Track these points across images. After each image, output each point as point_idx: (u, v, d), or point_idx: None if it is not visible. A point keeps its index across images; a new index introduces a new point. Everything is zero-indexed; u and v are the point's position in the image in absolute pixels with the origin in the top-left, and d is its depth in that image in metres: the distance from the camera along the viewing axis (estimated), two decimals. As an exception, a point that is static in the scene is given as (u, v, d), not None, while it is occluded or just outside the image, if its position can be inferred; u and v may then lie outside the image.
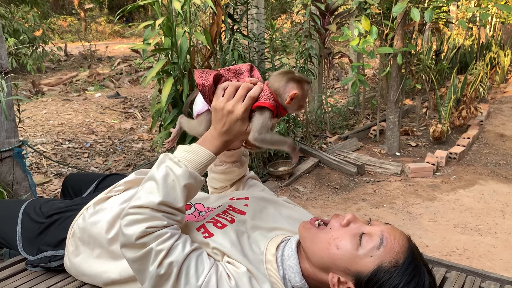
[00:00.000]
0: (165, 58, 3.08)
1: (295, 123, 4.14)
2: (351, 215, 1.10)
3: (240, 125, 1.08)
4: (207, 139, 1.11)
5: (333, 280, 1.05)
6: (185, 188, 1.05)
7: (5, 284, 1.33)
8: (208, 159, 1.09)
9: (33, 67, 7.20)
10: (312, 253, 1.09)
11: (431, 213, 3.21)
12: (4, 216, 1.47)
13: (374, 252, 1.02)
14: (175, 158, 1.06)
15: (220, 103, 1.08)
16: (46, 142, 4.40)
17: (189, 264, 1.01)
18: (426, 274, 1.03)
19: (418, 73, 5.62)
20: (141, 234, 0.99)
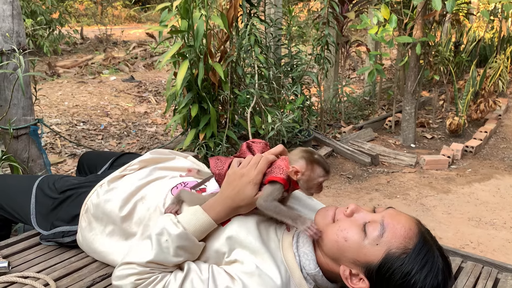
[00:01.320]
0: (181, 41, 3.07)
1: (309, 112, 4.10)
2: (354, 205, 1.08)
3: (250, 189, 1.07)
4: (211, 205, 1.10)
5: (345, 273, 1.04)
6: (178, 248, 1.04)
7: (20, 257, 1.34)
8: (207, 226, 1.08)
9: (49, 49, 7.24)
10: (324, 243, 1.08)
11: (445, 206, 3.16)
12: (18, 191, 1.48)
13: (379, 240, 1.00)
14: (175, 219, 1.06)
15: (235, 169, 1.10)
16: (61, 123, 4.43)
17: None
18: (439, 258, 1.01)
19: (437, 64, 5.52)
20: (132, 286, 1.01)
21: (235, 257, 1.06)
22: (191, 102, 3.23)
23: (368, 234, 1.01)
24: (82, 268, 1.29)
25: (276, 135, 3.57)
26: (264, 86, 3.49)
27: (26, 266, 1.29)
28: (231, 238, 1.08)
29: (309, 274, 1.09)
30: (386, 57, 6.01)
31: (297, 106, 3.66)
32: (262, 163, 1.09)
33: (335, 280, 1.12)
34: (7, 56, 2.12)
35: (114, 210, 1.26)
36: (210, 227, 1.08)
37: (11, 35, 2.06)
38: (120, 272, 1.04)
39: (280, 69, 3.66)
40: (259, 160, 1.10)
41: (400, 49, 4.87)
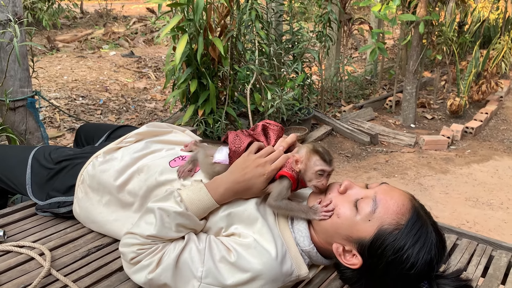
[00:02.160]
0: (180, 14, 3.02)
1: (310, 90, 4.07)
2: (347, 181, 1.08)
3: (261, 182, 1.07)
4: (217, 185, 1.09)
5: (339, 250, 1.04)
6: (179, 226, 1.04)
7: (16, 226, 1.34)
8: (209, 207, 1.08)
9: (48, 23, 7.13)
10: (317, 221, 1.07)
11: (443, 186, 3.17)
12: (14, 161, 1.47)
13: (371, 216, 1.00)
14: (179, 197, 1.06)
15: (253, 156, 1.09)
16: (60, 98, 4.41)
17: (183, 263, 1.01)
18: (433, 233, 1.00)
19: (439, 44, 5.46)
20: (134, 255, 1.03)
21: (232, 231, 1.07)
22: (190, 78, 3.21)
23: (360, 210, 1.01)
24: (77, 238, 1.29)
25: (276, 112, 3.55)
26: (265, 63, 3.45)
27: (21, 236, 1.29)
28: (230, 214, 1.08)
29: (304, 251, 1.09)
30: (389, 36, 5.94)
31: (298, 83, 3.63)
32: (281, 161, 1.09)
33: (329, 256, 1.12)
34: (3, 26, 2.09)
35: (110, 181, 1.25)
36: (211, 207, 1.08)
37: (6, 4, 2.02)
38: (125, 240, 1.05)
39: (281, 46, 3.62)
40: (278, 156, 1.09)
41: (403, 27, 4.81)
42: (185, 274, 1.00)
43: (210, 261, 1.00)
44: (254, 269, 0.99)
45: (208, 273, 0.98)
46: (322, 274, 1.16)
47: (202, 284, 0.98)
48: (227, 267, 0.99)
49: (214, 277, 0.98)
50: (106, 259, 1.20)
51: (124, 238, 1.06)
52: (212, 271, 0.99)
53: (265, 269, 0.99)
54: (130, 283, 1.11)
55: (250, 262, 0.99)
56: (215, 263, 1.00)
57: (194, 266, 0.99)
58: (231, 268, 0.99)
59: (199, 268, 0.99)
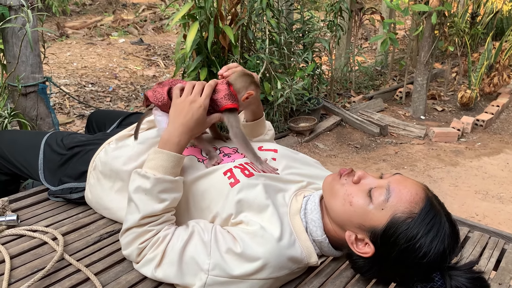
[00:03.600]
0: (191, 2, 3.00)
1: (319, 80, 4.04)
2: (361, 172, 1.08)
3: (202, 112, 1.13)
4: (167, 139, 1.12)
5: (351, 239, 1.04)
6: (160, 193, 1.06)
7: (28, 211, 1.35)
8: (173, 160, 1.10)
9: (58, 9, 7.15)
10: (331, 208, 1.07)
11: (452, 178, 3.15)
12: (27, 146, 1.48)
13: (384, 205, 0.99)
14: (142, 171, 1.09)
15: (181, 98, 1.15)
16: (70, 84, 4.42)
17: (189, 255, 1.01)
18: (446, 223, 1.00)
19: (451, 36, 5.39)
20: (138, 251, 1.06)
21: (241, 219, 1.07)
22: (200, 66, 3.20)
23: (373, 199, 1.01)
24: (89, 224, 1.30)
25: (285, 102, 3.54)
26: (275, 52, 3.43)
27: (34, 221, 1.31)
28: (240, 201, 1.07)
29: (316, 241, 1.09)
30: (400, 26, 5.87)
31: (308, 73, 3.60)
32: (207, 89, 1.16)
33: (340, 248, 1.12)
34: (15, 11, 2.09)
35: (122, 167, 1.25)
36: (176, 160, 1.11)
37: (19, -11, 2.02)
38: (124, 240, 1.08)
39: (291, 35, 3.59)
40: (202, 86, 1.16)
41: (415, 18, 4.75)
42: (191, 267, 1.00)
43: (216, 253, 1.00)
44: (261, 257, 0.99)
45: (215, 265, 0.99)
46: (333, 264, 1.16)
47: (209, 277, 0.98)
48: (234, 258, 0.99)
49: (221, 268, 0.98)
50: (118, 245, 1.20)
51: (122, 240, 1.08)
52: (219, 263, 0.99)
53: (271, 257, 0.99)
54: (142, 269, 1.11)
55: (257, 251, 0.99)
56: (221, 254, 1.00)
57: (201, 259, 1.00)
58: (238, 259, 0.99)
59: (205, 260, 0.99)
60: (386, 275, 1.06)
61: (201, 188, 1.14)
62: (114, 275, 1.09)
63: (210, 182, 1.14)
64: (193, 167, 1.19)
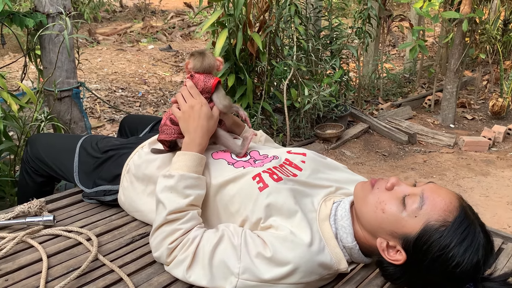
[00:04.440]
0: (221, 9, 3.04)
1: (347, 87, 4.03)
2: (395, 178, 1.07)
3: (206, 108, 1.21)
4: (187, 144, 1.20)
5: (382, 245, 1.03)
6: (185, 189, 1.11)
7: (64, 212, 1.39)
8: (194, 159, 1.17)
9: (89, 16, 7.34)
10: (362, 215, 1.07)
11: (483, 188, 3.08)
12: (63, 149, 1.52)
13: (418, 212, 0.98)
14: (167, 173, 1.15)
15: (182, 110, 1.22)
16: (100, 89, 4.53)
17: (219, 259, 1.03)
18: (481, 234, 0.98)
19: (483, 43, 5.29)
20: (168, 251, 1.08)
21: (270, 223, 1.07)
22: (228, 72, 3.23)
23: (407, 206, 1.00)
24: (122, 226, 1.33)
25: (312, 108, 3.53)
26: (302, 58, 3.44)
27: (69, 221, 1.34)
28: (269, 205, 1.08)
29: (346, 247, 1.09)
30: (428, 34, 5.80)
31: (335, 80, 3.59)
32: (192, 90, 1.23)
33: (370, 255, 1.11)
34: (52, 19, 2.16)
35: (154, 171, 1.28)
36: (198, 159, 1.17)
37: (57, -2, 2.10)
38: (154, 241, 1.11)
39: (319, 42, 3.59)
40: (187, 90, 1.24)
41: (445, 25, 4.68)
42: (221, 270, 1.02)
43: (246, 257, 1.01)
44: (291, 262, 0.99)
45: (246, 269, 1.00)
46: (363, 272, 1.15)
47: (240, 280, 0.99)
48: (264, 262, 1.00)
49: (251, 272, 0.99)
50: (149, 247, 1.22)
51: (152, 241, 1.12)
52: (249, 267, 1.00)
53: (302, 262, 1.00)
54: (173, 271, 1.13)
55: (287, 255, 0.99)
56: (251, 258, 1.00)
57: (231, 263, 1.01)
58: (268, 263, 1.00)
59: (236, 264, 1.00)
60: (417, 283, 1.05)
61: (231, 193, 1.16)
62: (146, 277, 1.11)
63: (239, 186, 1.15)
64: (222, 170, 1.20)
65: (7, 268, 1.11)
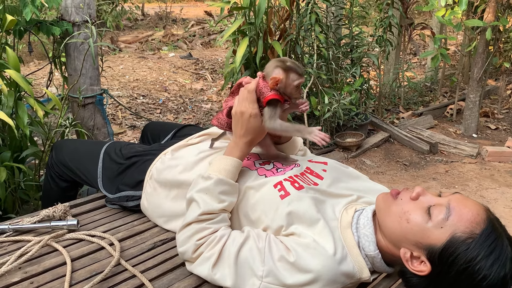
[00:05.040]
0: (242, 18, 3.07)
1: (367, 95, 4.00)
2: (420, 188, 1.05)
3: (254, 120, 1.14)
4: (230, 148, 1.19)
5: (406, 256, 1.02)
6: (220, 194, 1.12)
7: (87, 216, 1.41)
8: (235, 165, 1.16)
9: (112, 24, 7.48)
10: (385, 225, 1.06)
11: (508, 200, 3.02)
12: (87, 154, 1.55)
13: (444, 223, 0.97)
14: (206, 174, 1.15)
15: (234, 109, 1.17)
16: (122, 96, 4.60)
17: (244, 260, 1.03)
18: (508, 247, 0.96)
19: (507, 51, 5.21)
20: (194, 247, 1.08)
21: (292, 231, 1.07)
22: (248, 80, 3.25)
23: (432, 217, 0.98)
24: (144, 231, 1.35)
25: (332, 117, 3.52)
26: (323, 66, 3.43)
27: (92, 226, 1.36)
28: (290, 213, 1.08)
29: (368, 256, 1.08)
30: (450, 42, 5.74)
31: (355, 88, 3.58)
32: (249, 95, 1.15)
33: (392, 264, 1.10)
34: (78, 27, 2.21)
35: (177, 177, 1.29)
36: (237, 165, 1.17)
37: (83, 6, 2.14)
38: (182, 236, 1.10)
39: (339, 50, 3.59)
40: (245, 94, 1.15)
41: (467, 33, 4.63)
42: (245, 271, 1.02)
43: (270, 260, 1.01)
44: (314, 269, 0.99)
45: (269, 272, 1.00)
46: (385, 282, 1.14)
47: (263, 283, 1.00)
48: (287, 267, 1.00)
49: (274, 276, 0.99)
50: (171, 253, 1.24)
51: (180, 236, 1.11)
52: (272, 271, 1.00)
53: (324, 270, 0.99)
54: (194, 278, 1.14)
55: (309, 262, 0.99)
56: (274, 262, 1.01)
57: (255, 265, 1.01)
58: (291, 268, 1.00)
59: (259, 267, 1.00)
60: (442, 295, 1.03)
61: (252, 201, 1.16)
62: (167, 282, 1.12)
63: (260, 194, 1.15)
64: (245, 176, 1.21)
65: (32, 271, 1.13)
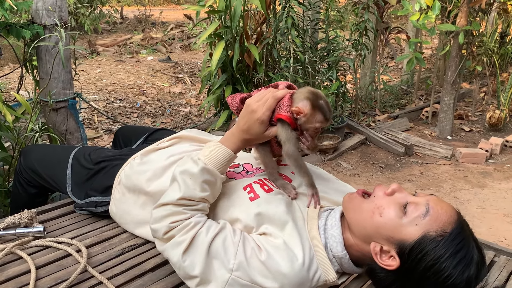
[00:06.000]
0: (218, 21, 3.07)
1: (344, 98, 4.04)
2: (396, 185, 1.07)
3: (258, 126, 1.10)
4: (228, 136, 1.15)
5: (376, 249, 1.03)
6: (204, 183, 1.08)
7: (55, 223, 1.39)
8: (227, 157, 1.12)
9: (90, 27, 7.41)
10: (355, 223, 1.07)
11: (480, 200, 3.08)
12: (56, 160, 1.53)
13: (419, 221, 0.99)
14: (195, 157, 1.10)
15: (250, 101, 1.12)
16: (99, 100, 4.54)
17: (215, 250, 1.02)
18: (475, 249, 0.99)
19: (480, 55, 5.32)
20: (166, 229, 1.05)
21: (263, 231, 1.08)
22: (225, 84, 3.25)
23: (408, 213, 1.01)
24: (113, 237, 1.33)
25: (309, 120, 3.53)
26: (299, 70, 3.45)
27: (60, 232, 1.34)
28: (260, 214, 1.08)
29: (335, 257, 1.08)
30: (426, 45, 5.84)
31: (332, 92, 3.61)
32: (271, 101, 1.10)
33: (360, 265, 1.11)
34: (49, 30, 2.18)
35: (146, 182, 1.28)
36: (229, 157, 1.13)
37: (54, 9, 2.11)
38: (156, 215, 1.07)
39: (316, 54, 3.61)
40: (268, 96, 1.11)
41: (441, 37, 4.71)
42: (216, 262, 1.01)
43: (242, 255, 1.01)
44: (282, 271, 0.99)
45: (239, 267, 1.00)
46: (354, 284, 1.15)
47: (232, 276, 0.99)
48: (257, 264, 1.00)
49: (244, 271, 1.00)
50: (139, 259, 1.22)
51: (154, 213, 1.08)
52: (243, 265, 1.00)
53: (292, 273, 1.00)
54: (162, 284, 1.13)
55: (279, 263, 1.00)
56: (246, 258, 1.01)
57: (227, 257, 1.01)
58: (260, 267, 1.00)
59: (231, 260, 1.00)
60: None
61: (222, 203, 1.16)
62: (135, 289, 1.11)
63: (230, 197, 1.16)
64: None
65: (-5, 279, 1.10)
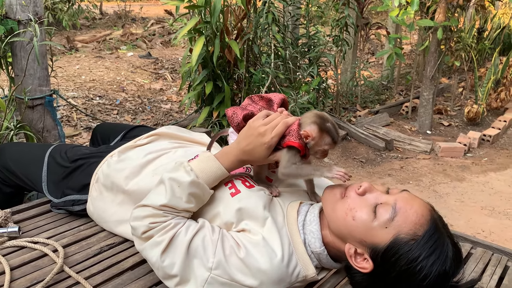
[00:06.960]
0: (197, 17, 3.04)
1: (325, 94, 4.05)
2: (367, 184, 1.06)
3: (264, 151, 1.07)
4: (226, 152, 1.11)
5: (350, 252, 1.03)
6: (190, 195, 1.05)
7: (31, 223, 1.36)
8: (219, 175, 1.09)
9: (68, 23, 7.26)
10: (331, 220, 1.07)
11: (458, 194, 3.13)
12: (31, 158, 1.49)
13: (388, 224, 0.98)
14: (188, 167, 1.07)
15: (257, 123, 1.08)
16: (78, 97, 4.47)
17: (195, 249, 1.01)
18: (449, 246, 0.98)
19: (458, 51, 5.40)
20: (146, 228, 1.03)
21: (243, 227, 1.07)
22: (206, 80, 3.22)
23: (378, 216, 0.99)
24: (90, 236, 1.31)
25: (290, 116, 3.54)
26: (280, 66, 3.45)
27: (36, 232, 1.31)
28: (240, 210, 1.08)
29: (314, 252, 1.08)
30: (406, 41, 5.90)
31: (313, 87, 3.62)
32: (281, 127, 1.07)
33: (339, 260, 1.11)
34: (24, 25, 2.13)
35: (124, 180, 1.26)
36: (222, 175, 1.10)
37: (28, 4, 2.06)
38: (137, 213, 1.06)
39: (297, 49, 3.62)
40: (278, 122, 1.07)
41: (421, 33, 4.77)
42: (195, 261, 1.01)
43: (221, 253, 1.00)
44: (261, 268, 0.99)
45: (218, 265, 0.99)
46: (333, 279, 1.15)
47: (211, 275, 0.99)
48: (236, 262, 1.00)
49: (224, 269, 0.99)
50: (118, 258, 1.21)
51: (135, 212, 1.07)
52: (222, 264, 0.99)
53: (271, 270, 1.00)
54: (141, 282, 1.12)
55: (258, 260, 1.00)
56: (225, 256, 1.00)
57: (206, 256, 1.00)
58: (240, 264, 1.00)
59: (210, 258, 1.00)
60: (384, 294, 1.04)
61: None
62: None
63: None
64: None
65: (-33, 282, 1.08)
